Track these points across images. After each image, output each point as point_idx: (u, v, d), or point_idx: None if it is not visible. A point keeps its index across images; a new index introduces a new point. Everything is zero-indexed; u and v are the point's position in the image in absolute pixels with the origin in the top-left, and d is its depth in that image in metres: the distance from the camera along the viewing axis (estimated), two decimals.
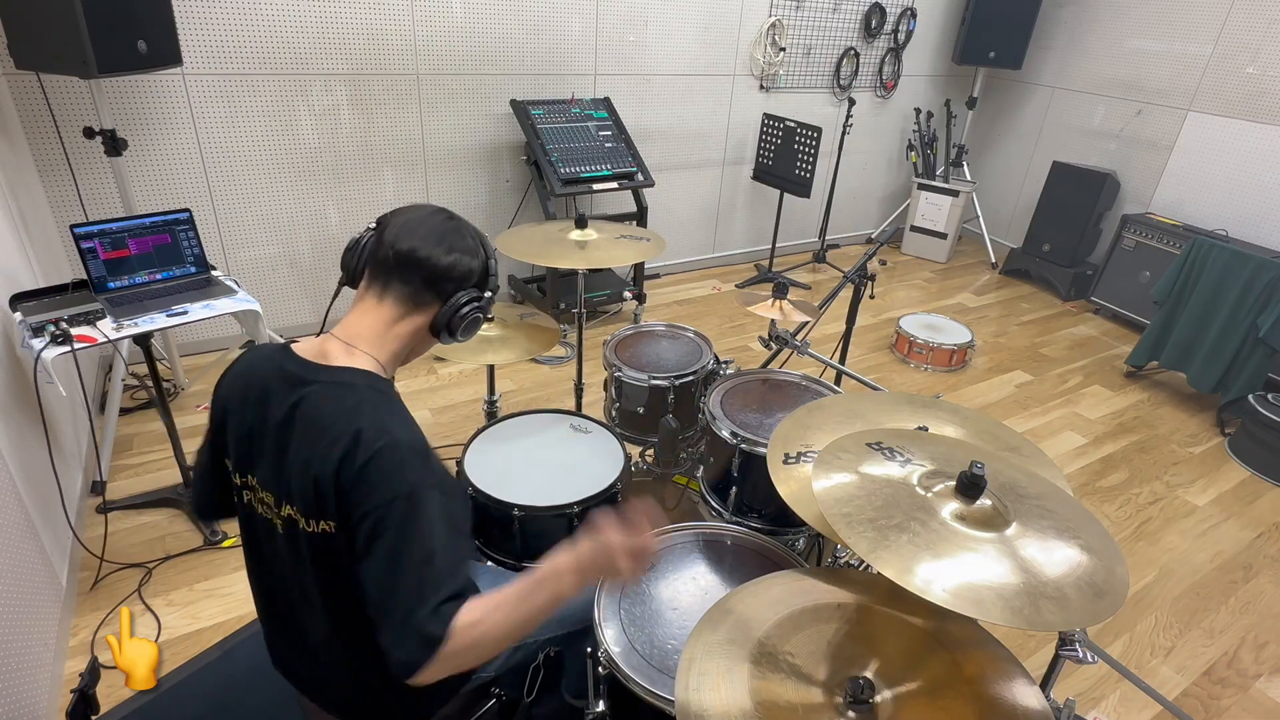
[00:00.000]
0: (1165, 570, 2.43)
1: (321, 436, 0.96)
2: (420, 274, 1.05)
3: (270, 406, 1.01)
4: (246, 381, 1.06)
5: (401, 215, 1.09)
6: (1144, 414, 3.39)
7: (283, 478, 1.00)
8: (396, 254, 1.04)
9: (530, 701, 1.46)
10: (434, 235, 1.07)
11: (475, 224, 1.21)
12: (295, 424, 0.98)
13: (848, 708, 0.90)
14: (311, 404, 0.98)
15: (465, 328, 1.11)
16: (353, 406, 0.97)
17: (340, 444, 0.94)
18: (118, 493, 2.39)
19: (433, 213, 1.10)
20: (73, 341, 1.83)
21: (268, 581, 1.13)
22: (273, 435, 1.01)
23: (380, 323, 1.06)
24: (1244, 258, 3.24)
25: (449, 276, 1.07)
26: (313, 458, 0.96)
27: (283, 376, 1.02)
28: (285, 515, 1.01)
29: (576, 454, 1.77)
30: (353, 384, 1.00)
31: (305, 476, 0.96)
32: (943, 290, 4.66)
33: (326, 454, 0.94)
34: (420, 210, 1.10)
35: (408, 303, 1.06)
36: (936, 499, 1.04)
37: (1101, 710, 1.93)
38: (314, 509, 0.97)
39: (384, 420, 0.97)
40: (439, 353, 1.90)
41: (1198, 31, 4.07)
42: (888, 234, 5.41)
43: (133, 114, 2.77)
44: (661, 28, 3.85)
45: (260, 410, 1.02)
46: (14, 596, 1.59)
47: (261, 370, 1.05)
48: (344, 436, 0.94)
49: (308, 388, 1.00)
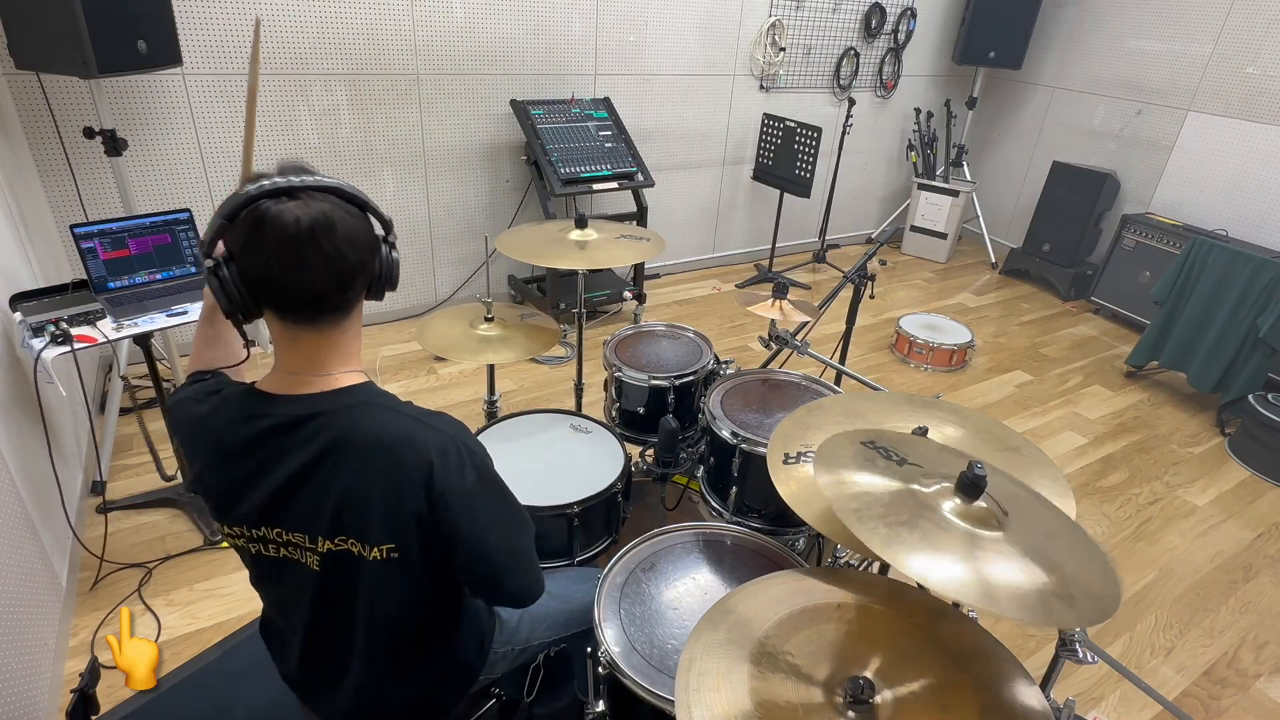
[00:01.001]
0: (1165, 570, 2.43)
1: (372, 458, 0.94)
2: (335, 293, 0.92)
3: (276, 457, 0.96)
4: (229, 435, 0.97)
5: (253, 248, 0.88)
6: (1144, 414, 3.39)
7: (318, 516, 0.96)
8: (306, 300, 0.90)
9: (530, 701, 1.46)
10: (311, 256, 0.88)
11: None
12: (324, 461, 0.95)
13: (848, 708, 0.90)
14: (338, 433, 0.95)
15: (394, 270, 1.00)
16: (381, 420, 0.97)
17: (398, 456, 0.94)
18: (118, 493, 2.39)
19: (277, 238, 0.87)
20: (73, 341, 1.83)
21: (293, 610, 1.09)
22: (294, 480, 0.96)
23: (332, 348, 0.97)
24: (1244, 258, 3.24)
25: (351, 268, 0.92)
26: (365, 482, 0.94)
27: (282, 423, 0.96)
28: (325, 551, 0.98)
29: (576, 454, 1.77)
30: (365, 402, 0.97)
31: (361, 504, 0.94)
32: (943, 290, 4.66)
33: (383, 471, 0.94)
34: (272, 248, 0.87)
35: (336, 315, 0.95)
36: (937, 499, 1.04)
37: (1101, 710, 1.93)
38: (378, 534, 0.96)
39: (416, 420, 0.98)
40: (440, 353, 1.90)
41: (1198, 31, 4.07)
42: (888, 234, 5.41)
43: (133, 114, 2.77)
44: (661, 28, 3.85)
45: (264, 463, 0.97)
46: (14, 597, 1.59)
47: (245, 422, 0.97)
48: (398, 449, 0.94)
49: (321, 419, 0.95)
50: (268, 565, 1.04)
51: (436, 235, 3.64)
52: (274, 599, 1.13)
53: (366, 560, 0.98)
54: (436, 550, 1.00)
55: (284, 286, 0.89)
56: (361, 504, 0.95)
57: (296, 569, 1.02)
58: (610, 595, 1.30)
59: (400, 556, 0.98)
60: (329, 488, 0.95)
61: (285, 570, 1.03)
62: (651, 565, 1.38)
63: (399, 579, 1.00)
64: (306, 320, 0.93)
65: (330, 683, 1.13)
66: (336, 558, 0.99)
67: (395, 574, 0.99)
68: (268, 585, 1.11)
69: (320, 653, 1.11)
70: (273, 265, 0.87)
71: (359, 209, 0.93)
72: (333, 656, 1.10)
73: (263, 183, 0.88)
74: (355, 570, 0.99)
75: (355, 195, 0.93)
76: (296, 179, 0.89)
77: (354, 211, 0.92)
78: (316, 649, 1.11)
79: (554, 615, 1.36)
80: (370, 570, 0.99)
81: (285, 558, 1.02)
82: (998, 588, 0.90)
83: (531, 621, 1.33)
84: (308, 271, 0.88)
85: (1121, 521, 2.65)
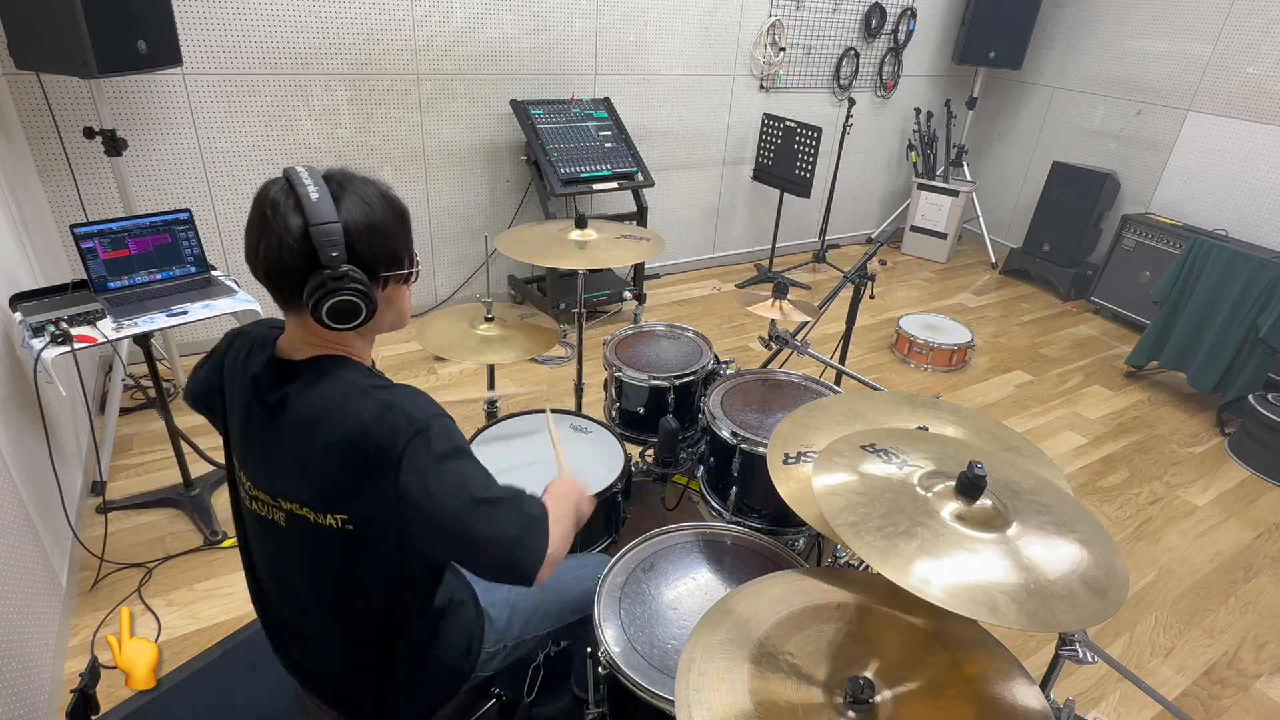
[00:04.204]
0: (1165, 570, 2.43)
1: (319, 427, 0.96)
2: (267, 281, 0.96)
3: (259, 404, 1.01)
4: (244, 371, 1.05)
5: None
6: (1144, 414, 3.39)
7: (275, 475, 1.01)
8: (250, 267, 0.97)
9: (530, 701, 1.46)
10: (252, 233, 0.95)
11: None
12: (285, 422, 0.98)
13: (848, 708, 0.90)
14: (296, 399, 0.98)
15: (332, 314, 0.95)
16: (337, 393, 0.97)
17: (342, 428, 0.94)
18: (118, 493, 2.39)
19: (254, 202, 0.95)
20: (73, 341, 1.83)
21: (266, 574, 1.14)
22: (259, 434, 1.01)
23: (304, 330, 1.00)
24: (1244, 258, 3.23)
25: (276, 274, 0.94)
26: (315, 450, 0.96)
27: (267, 374, 1.02)
28: (288, 510, 1.01)
29: (576, 454, 1.77)
30: (329, 372, 0.99)
31: (312, 471, 0.97)
32: (943, 290, 4.66)
33: (329, 441, 0.95)
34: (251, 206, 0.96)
35: (294, 310, 0.99)
36: (937, 499, 1.04)
37: (1101, 710, 1.93)
38: (327, 503, 0.97)
39: (369, 393, 0.97)
40: (440, 353, 1.90)
41: (1198, 31, 4.07)
42: (888, 234, 5.41)
43: (133, 114, 2.77)
44: (661, 28, 3.85)
45: (247, 406, 1.03)
46: (14, 596, 1.59)
47: (253, 365, 1.04)
48: (343, 419, 0.95)
49: (289, 385, 0.99)
50: (254, 521, 1.08)
51: (436, 235, 3.64)
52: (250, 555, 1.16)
53: (322, 526, 0.99)
54: (388, 522, 0.97)
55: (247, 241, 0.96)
56: (305, 470, 0.97)
57: (270, 527, 1.05)
58: (610, 595, 1.30)
59: (356, 530, 0.98)
60: (277, 448, 0.99)
61: (263, 529, 1.07)
62: (651, 565, 1.38)
63: (358, 553, 1.00)
64: (273, 293, 0.97)
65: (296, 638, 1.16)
66: (295, 518, 1.01)
67: (353, 546, 0.99)
68: (250, 543, 1.14)
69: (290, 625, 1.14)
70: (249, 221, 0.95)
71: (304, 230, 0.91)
72: (300, 631, 1.12)
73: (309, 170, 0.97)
74: (307, 535, 1.01)
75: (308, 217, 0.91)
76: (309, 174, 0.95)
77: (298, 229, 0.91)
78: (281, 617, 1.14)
79: (546, 606, 1.34)
80: (321, 535, 0.99)
81: (255, 513, 1.06)
82: (999, 597, 0.89)
83: (523, 616, 1.31)
84: (248, 239, 0.95)
85: (1121, 521, 2.65)
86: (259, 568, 1.15)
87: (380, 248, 0.98)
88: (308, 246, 0.91)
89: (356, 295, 0.94)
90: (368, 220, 0.95)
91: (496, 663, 1.30)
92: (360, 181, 0.97)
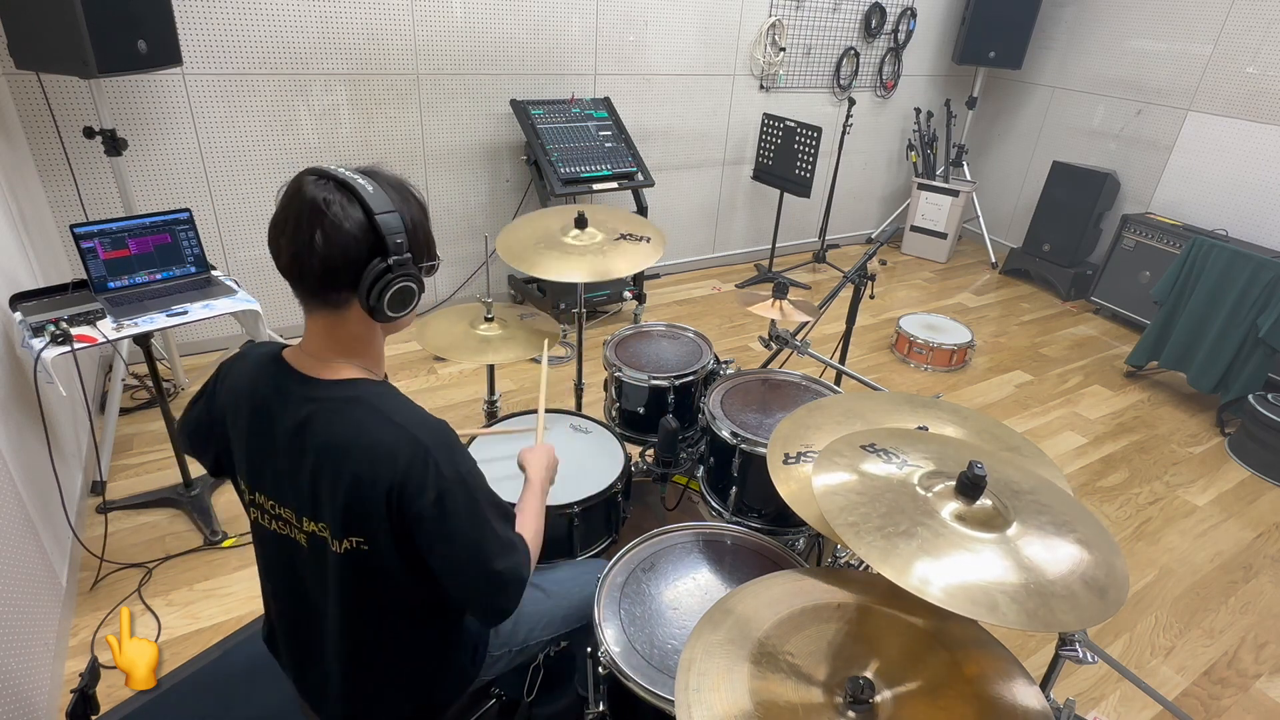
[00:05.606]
0: (1165, 570, 2.43)
1: (345, 456, 0.95)
2: (311, 278, 0.94)
3: (275, 424, 1.00)
4: (251, 392, 1.03)
5: (275, 218, 0.94)
6: (1144, 414, 3.39)
7: (301, 495, 0.99)
8: (284, 268, 0.94)
9: (530, 701, 1.46)
10: (294, 230, 0.92)
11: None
12: (307, 443, 0.97)
13: (848, 708, 0.90)
14: (322, 423, 0.97)
15: (393, 303, 0.97)
16: (365, 421, 0.96)
17: (370, 463, 0.94)
18: (118, 493, 2.39)
19: (290, 198, 0.93)
20: (73, 341, 1.83)
21: (285, 592, 1.12)
22: (284, 453, 0.99)
23: (329, 335, 1.00)
24: (1244, 258, 3.23)
25: (334, 266, 0.92)
26: (338, 478, 0.95)
27: (282, 393, 1.00)
28: (309, 531, 1.01)
29: (576, 454, 1.77)
30: (355, 397, 0.98)
31: (334, 497, 0.96)
32: (943, 290, 4.66)
33: (356, 473, 0.94)
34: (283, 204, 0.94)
35: (329, 308, 0.97)
36: (937, 500, 1.04)
37: (1101, 710, 1.93)
38: (346, 527, 0.97)
39: (401, 427, 0.96)
40: (440, 353, 1.90)
41: (1198, 31, 4.07)
42: (888, 234, 5.41)
43: (133, 114, 2.77)
44: (661, 28, 3.85)
45: (264, 427, 1.01)
46: (14, 597, 1.59)
47: (261, 385, 1.02)
48: (370, 454, 0.94)
49: (312, 405, 0.98)
50: (270, 543, 1.08)
51: (436, 235, 3.59)
52: (273, 588, 1.14)
53: (334, 551, 0.99)
54: (407, 550, 1.00)
55: (273, 245, 0.94)
56: (329, 495, 0.97)
57: (291, 546, 1.04)
58: (610, 595, 1.30)
59: (370, 549, 0.98)
60: (302, 470, 0.98)
61: (281, 548, 1.06)
62: (651, 565, 1.38)
63: (374, 572, 1.01)
64: (302, 294, 0.97)
65: (319, 678, 1.14)
66: (315, 540, 1.01)
67: (368, 567, 1.00)
68: (269, 565, 1.13)
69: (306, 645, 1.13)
70: (275, 222, 0.94)
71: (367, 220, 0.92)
72: (316, 650, 1.11)
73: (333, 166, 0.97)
74: (328, 556, 1.01)
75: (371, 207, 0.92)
76: (343, 169, 0.95)
77: (359, 220, 0.92)
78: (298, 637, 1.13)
79: (550, 613, 1.35)
80: (341, 559, 1.00)
81: (277, 532, 1.05)
82: (999, 597, 0.89)
83: (529, 622, 1.33)
84: (284, 237, 0.92)
85: (1121, 521, 2.65)
86: (276, 585, 1.14)
87: (422, 238, 1.01)
88: (373, 236, 0.92)
89: (415, 281, 0.98)
90: (411, 212, 0.99)
91: (500, 666, 1.31)
92: (390, 177, 1.00)
